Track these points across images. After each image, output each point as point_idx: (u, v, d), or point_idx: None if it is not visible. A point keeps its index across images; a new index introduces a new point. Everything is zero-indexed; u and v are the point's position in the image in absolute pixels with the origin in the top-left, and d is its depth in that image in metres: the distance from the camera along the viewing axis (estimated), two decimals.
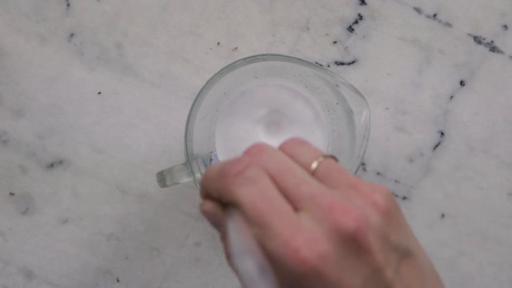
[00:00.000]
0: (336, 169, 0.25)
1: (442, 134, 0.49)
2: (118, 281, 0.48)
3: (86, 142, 0.49)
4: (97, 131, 0.49)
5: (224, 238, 0.25)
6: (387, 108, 0.49)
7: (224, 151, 0.44)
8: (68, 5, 0.49)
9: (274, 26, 0.49)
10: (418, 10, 0.49)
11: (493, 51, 0.49)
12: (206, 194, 0.27)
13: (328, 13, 0.49)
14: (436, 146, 0.48)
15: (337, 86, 0.40)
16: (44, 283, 0.48)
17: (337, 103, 0.41)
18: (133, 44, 0.49)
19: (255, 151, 0.26)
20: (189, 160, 0.40)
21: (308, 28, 0.49)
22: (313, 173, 0.25)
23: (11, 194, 0.48)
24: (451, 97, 0.49)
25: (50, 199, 0.48)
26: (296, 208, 0.24)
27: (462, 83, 0.49)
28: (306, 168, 0.25)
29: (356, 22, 0.49)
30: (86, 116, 0.49)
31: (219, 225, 0.26)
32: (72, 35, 0.49)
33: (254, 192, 0.24)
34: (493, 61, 0.49)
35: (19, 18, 0.49)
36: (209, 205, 0.26)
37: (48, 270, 0.48)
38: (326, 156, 0.25)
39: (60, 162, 0.48)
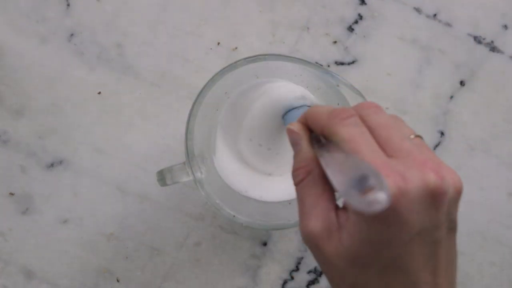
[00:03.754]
0: (427, 147, 0.29)
1: (442, 134, 0.49)
2: (118, 281, 0.48)
3: (86, 142, 0.49)
4: (97, 131, 0.49)
5: (296, 155, 0.31)
6: (387, 108, 0.49)
7: (225, 151, 0.44)
8: (68, 5, 0.49)
9: (274, 26, 0.49)
10: (418, 10, 0.49)
11: (493, 51, 0.49)
12: (301, 121, 0.31)
13: (328, 13, 0.49)
14: (436, 146, 0.48)
15: (338, 86, 0.40)
16: (44, 283, 0.48)
17: (338, 104, 0.41)
18: (133, 44, 0.49)
19: (365, 107, 0.30)
20: (189, 159, 0.40)
21: (308, 28, 0.49)
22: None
23: (11, 194, 0.48)
24: (451, 97, 0.49)
25: (50, 199, 0.48)
26: (389, 156, 0.27)
27: (462, 83, 0.49)
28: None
29: (356, 22, 0.49)
30: (86, 116, 0.49)
31: (296, 143, 0.31)
32: (72, 35, 0.49)
33: (355, 132, 0.28)
34: (493, 61, 0.49)
35: (19, 18, 0.49)
36: (298, 126, 0.31)
37: (48, 270, 0.48)
38: (418, 135, 0.29)
39: (60, 162, 0.48)
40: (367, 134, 0.28)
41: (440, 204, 0.26)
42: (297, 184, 0.30)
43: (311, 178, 0.29)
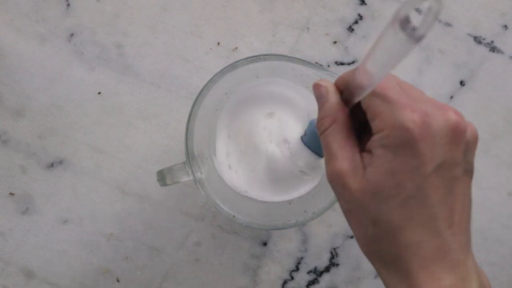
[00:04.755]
0: None
1: None
2: (118, 281, 0.48)
3: (86, 142, 0.49)
4: (97, 131, 0.49)
5: (321, 107, 0.32)
6: None
7: (226, 150, 0.44)
8: (68, 5, 0.49)
9: (274, 26, 0.49)
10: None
11: (493, 51, 0.49)
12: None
13: (328, 13, 0.49)
14: None
15: None
16: (44, 283, 0.48)
17: None
18: (133, 44, 0.49)
19: None
20: (189, 159, 0.40)
21: (308, 28, 0.49)
22: None
23: (11, 194, 0.48)
24: (451, 97, 0.49)
25: (50, 199, 0.48)
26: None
27: (462, 83, 0.49)
28: None
29: (356, 22, 0.49)
30: (86, 116, 0.49)
31: (321, 96, 0.32)
32: (72, 35, 0.49)
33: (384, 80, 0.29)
34: (493, 61, 0.49)
35: (19, 18, 0.49)
36: (326, 81, 0.32)
37: (48, 270, 0.48)
38: None
39: (60, 162, 0.48)
40: (393, 81, 0.30)
41: (459, 140, 0.28)
42: (322, 132, 0.31)
43: (336, 126, 0.31)
